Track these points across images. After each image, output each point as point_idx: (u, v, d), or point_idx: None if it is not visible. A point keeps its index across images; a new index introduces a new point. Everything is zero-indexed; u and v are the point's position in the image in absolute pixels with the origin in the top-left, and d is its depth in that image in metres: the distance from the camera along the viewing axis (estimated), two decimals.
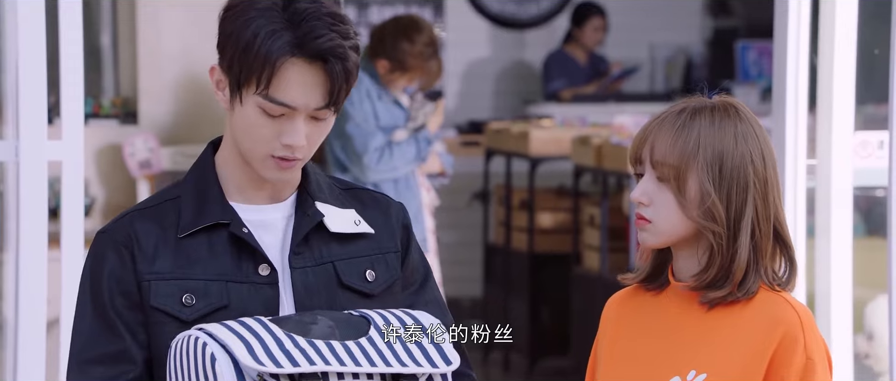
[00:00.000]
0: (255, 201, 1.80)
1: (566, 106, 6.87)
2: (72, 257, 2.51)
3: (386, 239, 1.83)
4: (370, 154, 4.41)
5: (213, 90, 1.77)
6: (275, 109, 1.72)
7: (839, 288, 3.08)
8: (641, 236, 1.81)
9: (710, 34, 7.80)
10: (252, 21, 1.71)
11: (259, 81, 1.71)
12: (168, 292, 1.75)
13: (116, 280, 1.77)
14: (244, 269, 1.77)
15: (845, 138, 3.08)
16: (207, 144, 1.83)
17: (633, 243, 5.20)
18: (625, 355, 1.85)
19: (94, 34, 5.15)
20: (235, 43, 1.72)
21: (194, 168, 1.83)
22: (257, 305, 1.76)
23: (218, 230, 1.77)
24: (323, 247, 1.79)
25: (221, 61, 1.75)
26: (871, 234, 4.03)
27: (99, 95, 5.10)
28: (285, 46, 1.70)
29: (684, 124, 1.78)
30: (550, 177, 6.15)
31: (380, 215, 1.85)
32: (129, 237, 1.77)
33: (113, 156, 4.94)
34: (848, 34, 3.07)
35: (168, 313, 1.75)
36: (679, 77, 7.63)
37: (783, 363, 1.77)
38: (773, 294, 1.81)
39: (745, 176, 1.78)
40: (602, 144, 5.43)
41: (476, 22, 7.59)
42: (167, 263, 1.76)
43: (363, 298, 1.80)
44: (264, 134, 1.74)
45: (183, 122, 4.96)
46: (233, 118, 1.76)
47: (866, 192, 3.80)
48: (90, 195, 4.91)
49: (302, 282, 1.78)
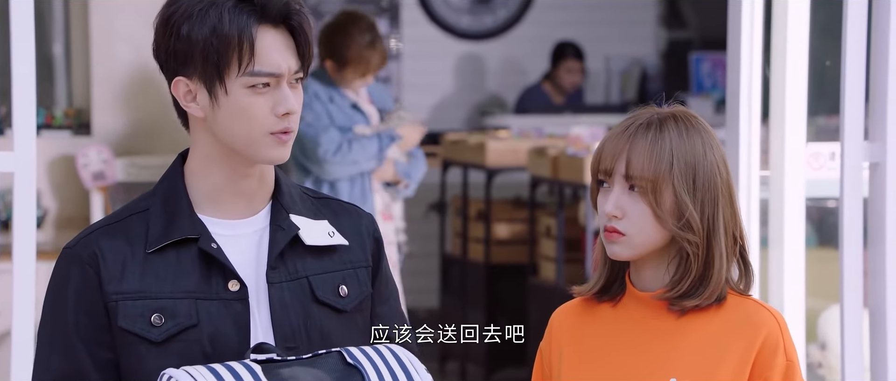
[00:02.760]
0: (227, 213, 1.77)
1: (522, 117, 6.90)
2: (23, 270, 2.48)
3: (357, 251, 1.82)
4: (324, 146, 4.42)
5: (183, 105, 1.75)
6: (262, 81, 1.71)
7: (792, 298, 3.10)
8: (613, 249, 1.82)
9: (664, 46, 7.86)
10: (205, 13, 1.70)
11: (241, 59, 1.70)
12: (136, 312, 1.73)
13: (80, 300, 1.74)
14: (213, 285, 1.74)
15: (798, 150, 3.11)
16: (177, 156, 1.81)
17: (589, 254, 5.22)
18: (592, 368, 1.85)
19: (47, 44, 5.10)
20: (199, 39, 1.70)
21: (163, 181, 1.80)
22: (228, 322, 1.73)
23: (187, 245, 1.75)
24: (298, 261, 1.77)
25: (184, 69, 1.73)
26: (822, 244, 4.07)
27: (51, 106, 5.05)
28: (252, 17, 1.71)
29: (656, 136, 1.80)
30: (507, 188, 6.16)
31: (351, 226, 1.83)
32: (94, 255, 1.74)
33: (66, 167, 4.89)
34: (800, 46, 3.10)
35: (136, 334, 1.72)
36: (634, 89, 7.68)
37: (766, 366, 1.80)
38: (743, 299, 1.84)
39: (715, 184, 1.81)
40: (558, 155, 5.45)
41: (432, 33, 7.60)
42: (134, 281, 1.73)
43: (336, 313, 1.78)
44: (258, 112, 1.72)
45: (137, 132, 4.93)
46: (218, 116, 1.73)
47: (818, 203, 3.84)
48: (42, 207, 4.86)
49: (278, 298, 1.75)
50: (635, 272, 1.86)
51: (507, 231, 5.97)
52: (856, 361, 2.74)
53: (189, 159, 1.80)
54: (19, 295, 2.48)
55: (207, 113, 1.75)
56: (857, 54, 2.72)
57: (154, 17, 1.78)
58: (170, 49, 1.73)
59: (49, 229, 4.88)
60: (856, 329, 2.74)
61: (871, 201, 2.78)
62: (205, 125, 1.76)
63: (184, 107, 1.75)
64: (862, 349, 2.75)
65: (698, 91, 7.36)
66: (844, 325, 2.74)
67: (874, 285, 2.77)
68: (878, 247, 2.75)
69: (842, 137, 2.76)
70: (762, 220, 3.14)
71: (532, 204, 5.77)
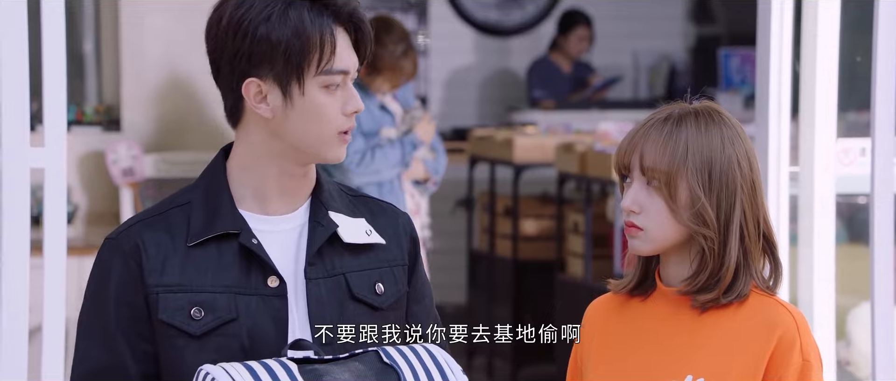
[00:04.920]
0: (269, 209, 1.78)
1: (550, 113, 6.89)
2: (54, 265, 2.50)
3: (394, 250, 1.84)
4: (350, 157, 4.42)
5: (251, 105, 1.75)
6: (336, 80, 1.75)
7: (822, 295, 3.09)
8: (633, 244, 1.82)
9: (693, 42, 7.83)
10: (284, 14, 1.73)
11: (321, 59, 1.74)
12: (176, 305, 1.73)
13: (121, 291, 1.75)
14: (253, 280, 1.75)
15: (828, 146, 3.09)
16: (219, 151, 1.82)
17: (617, 250, 5.21)
18: (617, 361, 1.85)
19: (77, 41, 5.13)
20: (281, 40, 1.73)
21: (205, 175, 1.81)
22: (266, 317, 1.74)
23: (227, 240, 1.76)
24: (335, 258, 1.79)
25: (258, 70, 1.74)
26: (853, 241, 4.05)
27: (82, 103, 5.08)
28: (329, 17, 1.75)
29: (671, 131, 1.80)
30: (534, 184, 6.15)
31: (388, 225, 1.85)
32: (137, 247, 1.75)
33: (96, 163, 4.92)
34: (830, 41, 3.08)
35: (176, 327, 1.73)
36: (662, 84, 7.65)
37: (781, 365, 1.79)
38: (766, 298, 1.83)
39: (733, 179, 1.80)
40: (586, 151, 5.44)
41: (460, 29, 7.60)
42: (175, 274, 1.74)
43: (372, 311, 1.80)
44: (331, 112, 1.76)
45: (166, 129, 4.95)
46: (290, 116, 1.75)
47: (848, 199, 3.81)
48: (73, 203, 4.89)
49: (315, 295, 1.77)
50: (663, 267, 1.86)
51: (534, 227, 5.96)
52: (886, 357, 2.72)
53: (235, 156, 1.80)
54: (50, 291, 2.50)
55: (277, 113, 1.76)
56: (888, 49, 2.70)
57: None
58: (243, 51, 1.74)
59: (79, 225, 4.91)
60: (886, 326, 2.72)
61: None
62: (267, 124, 1.77)
63: (252, 107, 1.76)
64: (892, 345, 2.74)
65: (727, 87, 7.33)
66: (875, 322, 2.73)
67: None
68: None
69: (872, 133, 2.74)
70: (792, 216, 3.12)
71: (559, 200, 5.76)
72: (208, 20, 1.78)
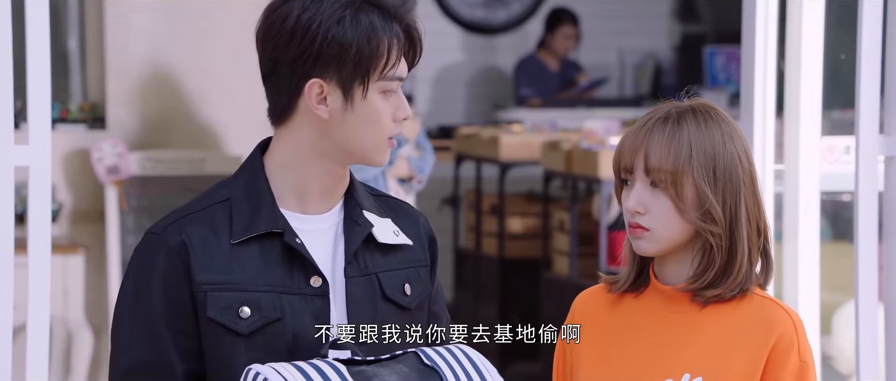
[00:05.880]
0: (308, 208, 1.79)
1: (536, 111, 6.89)
2: (38, 264, 2.49)
3: (419, 251, 1.86)
4: None
5: (311, 105, 1.75)
6: (393, 86, 1.78)
7: (806, 292, 3.10)
8: (638, 245, 1.82)
9: (678, 40, 7.84)
10: (355, 18, 1.74)
11: (386, 64, 1.76)
12: (224, 303, 1.73)
13: (167, 287, 1.73)
14: (296, 280, 1.75)
15: (812, 143, 3.10)
16: (256, 147, 1.82)
17: (602, 249, 5.22)
18: (611, 359, 1.85)
19: (62, 38, 5.11)
20: (352, 43, 1.74)
21: (244, 171, 1.80)
22: (308, 317, 1.75)
23: (270, 238, 1.75)
24: (368, 257, 1.80)
25: (324, 72, 1.75)
26: (837, 239, 4.06)
27: (66, 100, 5.07)
28: (397, 24, 1.77)
29: (673, 130, 1.80)
30: (520, 182, 6.16)
31: (411, 226, 1.87)
32: (184, 243, 1.74)
33: (80, 161, 4.91)
34: (815, 40, 3.09)
35: (224, 326, 1.73)
36: (648, 82, 7.67)
37: (778, 366, 1.80)
38: (763, 298, 1.84)
39: (736, 175, 1.81)
40: (572, 149, 5.44)
41: (446, 27, 7.60)
42: (222, 271, 1.74)
43: (401, 311, 1.81)
44: (385, 118, 1.78)
45: (152, 127, 4.94)
46: (348, 119, 1.76)
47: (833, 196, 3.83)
48: (57, 201, 4.87)
49: (351, 294, 1.78)
50: (659, 266, 1.86)
51: (520, 225, 5.97)
52: (870, 355, 2.74)
53: (276, 154, 1.79)
54: (34, 289, 2.49)
55: (335, 115, 1.77)
56: (872, 47, 2.71)
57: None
58: (311, 52, 1.74)
59: (64, 223, 4.90)
60: (870, 323, 2.73)
61: (887, 194, 2.77)
62: (320, 125, 1.77)
63: (311, 108, 1.76)
64: (876, 342, 2.75)
65: (712, 85, 7.35)
66: (859, 319, 2.74)
67: (889, 279, 2.76)
68: (893, 241, 2.75)
69: (857, 131, 2.75)
70: (777, 214, 3.13)
71: (545, 198, 5.76)
72: (267, 20, 1.77)
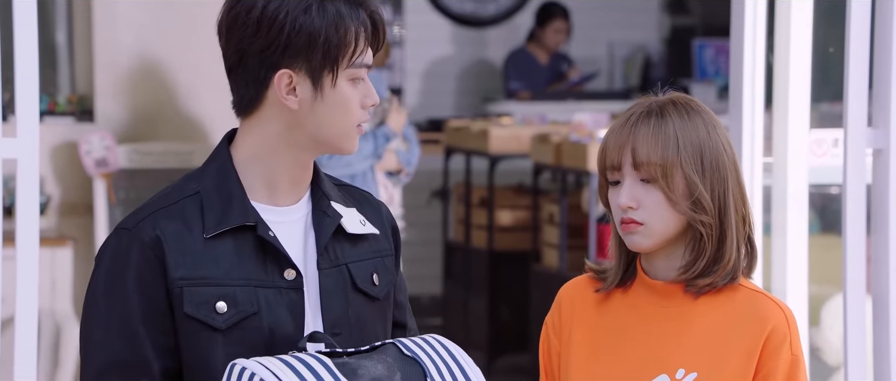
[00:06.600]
0: (277, 200, 1.77)
1: (526, 104, 6.89)
2: (27, 256, 2.48)
3: (383, 240, 1.85)
4: None
5: (280, 96, 1.74)
6: (361, 74, 1.78)
7: (795, 285, 3.10)
8: (633, 240, 1.82)
9: (667, 33, 7.85)
10: (322, 7, 1.74)
11: (354, 51, 1.75)
12: (200, 299, 1.71)
13: (142, 283, 1.71)
14: (270, 273, 1.74)
15: (801, 136, 3.11)
16: (222, 139, 1.80)
17: (592, 241, 5.22)
18: (603, 355, 1.85)
19: (50, 31, 5.10)
20: (320, 32, 1.73)
21: (211, 164, 1.78)
22: (283, 310, 1.74)
23: (243, 233, 1.74)
24: (338, 248, 1.79)
25: (293, 62, 1.74)
26: (826, 231, 4.07)
27: (54, 93, 5.05)
28: (362, 11, 1.77)
29: (658, 123, 1.81)
30: (510, 175, 6.16)
31: (375, 215, 1.86)
32: (158, 239, 1.72)
33: (69, 154, 4.89)
34: (803, 33, 3.10)
35: (201, 321, 1.71)
36: (637, 75, 7.67)
37: (771, 358, 1.81)
38: (754, 292, 1.85)
39: (722, 164, 1.83)
40: (561, 141, 5.44)
41: (436, 20, 7.59)
42: (196, 266, 1.72)
43: (370, 301, 1.81)
44: (354, 106, 1.77)
45: (140, 119, 4.93)
46: (317, 108, 1.75)
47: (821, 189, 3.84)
48: (45, 193, 4.86)
49: (324, 286, 1.77)
50: (646, 260, 1.86)
51: (510, 218, 5.97)
52: (858, 347, 2.74)
53: (245, 146, 1.78)
54: (23, 282, 2.49)
55: (304, 105, 1.75)
56: (860, 41, 2.72)
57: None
58: (279, 42, 1.73)
59: (52, 215, 4.89)
60: (858, 316, 2.74)
61: (875, 187, 2.78)
62: (289, 116, 1.76)
63: (281, 99, 1.75)
64: (864, 335, 2.76)
65: (702, 78, 7.36)
66: (847, 311, 2.74)
67: (877, 271, 2.77)
68: (882, 234, 2.75)
69: (845, 124, 2.75)
70: (765, 207, 3.14)
71: (535, 191, 5.76)
72: (230, 11, 1.75)
